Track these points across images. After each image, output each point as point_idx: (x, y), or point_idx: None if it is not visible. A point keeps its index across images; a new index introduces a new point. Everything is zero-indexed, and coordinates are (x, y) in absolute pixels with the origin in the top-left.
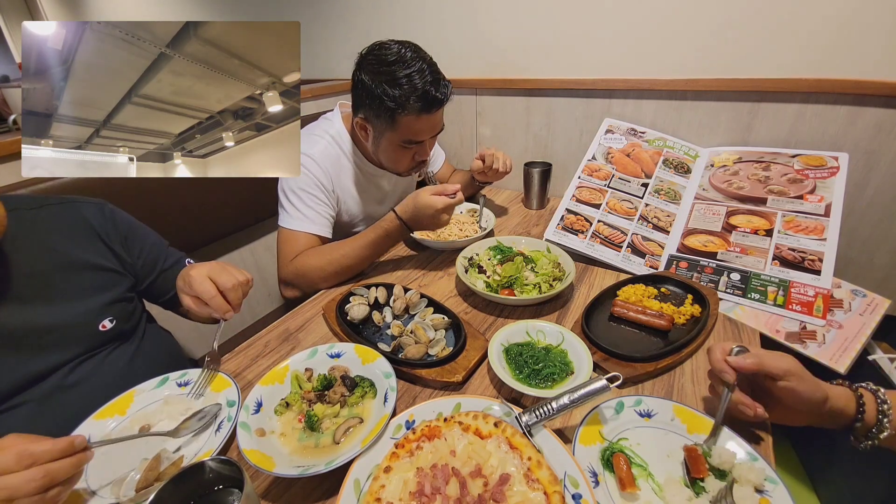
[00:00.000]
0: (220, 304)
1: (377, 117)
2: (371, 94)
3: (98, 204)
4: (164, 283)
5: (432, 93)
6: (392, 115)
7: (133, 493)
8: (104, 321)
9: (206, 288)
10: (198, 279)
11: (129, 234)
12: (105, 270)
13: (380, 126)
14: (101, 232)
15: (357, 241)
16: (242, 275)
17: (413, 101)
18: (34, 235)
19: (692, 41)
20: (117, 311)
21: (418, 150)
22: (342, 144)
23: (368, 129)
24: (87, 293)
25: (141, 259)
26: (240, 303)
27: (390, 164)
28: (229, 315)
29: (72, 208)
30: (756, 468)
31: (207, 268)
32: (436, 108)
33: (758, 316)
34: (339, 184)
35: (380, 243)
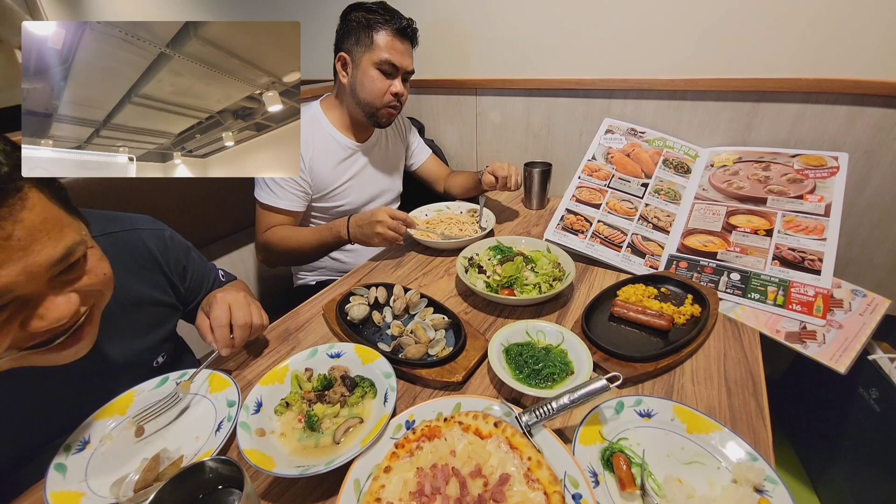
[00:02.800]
0: (224, 337)
1: (357, 43)
2: (350, 24)
3: (158, 231)
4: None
5: (403, 20)
6: (370, 33)
7: (132, 493)
8: (158, 358)
9: (219, 314)
10: (220, 304)
11: (186, 260)
12: (163, 305)
13: (358, 52)
14: (164, 263)
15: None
16: (260, 318)
17: (387, 23)
18: None
19: (692, 41)
20: (169, 348)
21: (394, 82)
22: (319, 120)
23: (348, 60)
24: (146, 330)
25: (191, 284)
26: (241, 344)
27: (369, 96)
28: (226, 351)
29: (135, 237)
30: (756, 468)
31: (234, 296)
32: (406, 38)
33: (758, 316)
34: (315, 155)
35: (326, 239)
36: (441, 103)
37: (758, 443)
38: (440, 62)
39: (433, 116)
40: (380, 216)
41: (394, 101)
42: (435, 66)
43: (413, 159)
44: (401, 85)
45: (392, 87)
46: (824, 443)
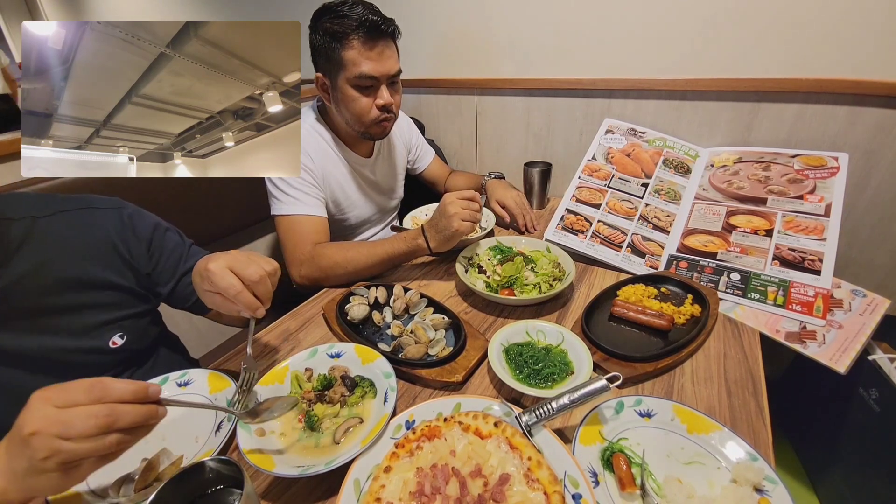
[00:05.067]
0: (249, 299)
1: (328, 61)
2: (318, 39)
3: (116, 210)
4: (186, 289)
5: (372, 18)
6: (338, 49)
7: (132, 493)
8: (114, 337)
9: (230, 282)
10: (218, 273)
11: (153, 237)
12: (118, 289)
13: (333, 72)
14: (121, 245)
15: (377, 247)
16: (269, 264)
17: (353, 30)
18: (46, 247)
19: (692, 41)
20: (128, 326)
21: (377, 93)
22: (322, 133)
23: (327, 83)
24: (98, 310)
25: (160, 265)
26: (269, 297)
27: (354, 117)
28: (260, 312)
29: (88, 216)
30: (756, 468)
31: (227, 259)
32: (380, 39)
33: (758, 316)
34: (325, 169)
35: (397, 251)
36: (441, 103)
37: (757, 443)
38: (440, 62)
39: (433, 116)
40: (450, 210)
41: (382, 114)
42: (435, 66)
43: (418, 163)
44: (387, 93)
45: (377, 99)
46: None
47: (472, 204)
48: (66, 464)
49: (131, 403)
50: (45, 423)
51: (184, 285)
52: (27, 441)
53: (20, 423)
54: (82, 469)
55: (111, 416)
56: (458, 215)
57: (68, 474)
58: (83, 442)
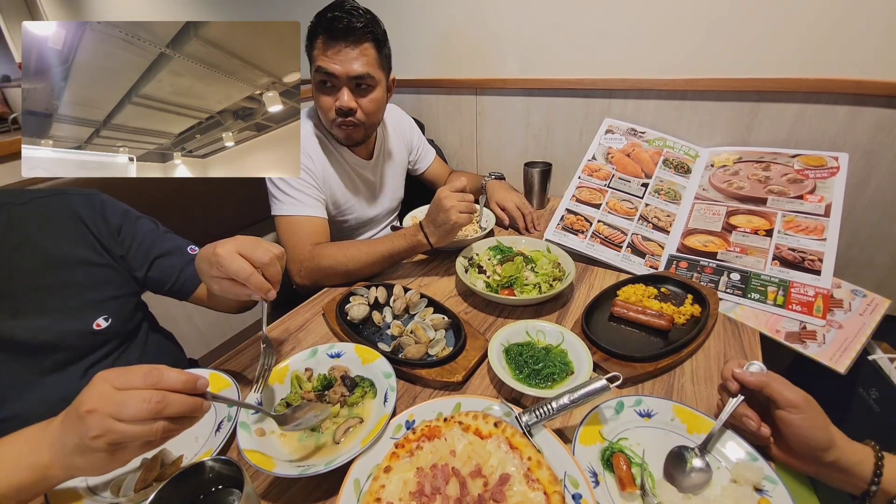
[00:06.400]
0: (260, 282)
1: (309, 59)
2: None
3: (88, 195)
4: (161, 273)
5: (332, 13)
6: (310, 49)
7: (132, 493)
8: (98, 320)
9: (240, 266)
10: (228, 257)
11: (123, 223)
12: (96, 266)
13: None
14: (91, 225)
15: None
16: (275, 247)
17: (320, 26)
18: (22, 233)
19: (692, 41)
20: (113, 308)
21: (339, 95)
22: (320, 133)
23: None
24: (78, 291)
25: (132, 249)
26: (279, 279)
27: (322, 116)
28: (272, 294)
29: (60, 201)
30: (756, 468)
31: (237, 244)
32: (342, 39)
33: (758, 316)
34: (326, 170)
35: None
36: (441, 103)
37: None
38: (440, 62)
39: (433, 116)
40: (446, 203)
41: (339, 117)
42: (435, 66)
43: (419, 163)
44: (348, 97)
45: (338, 100)
46: None
47: (466, 195)
48: (113, 444)
49: (181, 393)
50: (101, 402)
51: (159, 269)
52: (83, 418)
53: (80, 400)
54: (126, 453)
55: (162, 402)
56: (455, 208)
57: (113, 456)
58: (133, 425)
